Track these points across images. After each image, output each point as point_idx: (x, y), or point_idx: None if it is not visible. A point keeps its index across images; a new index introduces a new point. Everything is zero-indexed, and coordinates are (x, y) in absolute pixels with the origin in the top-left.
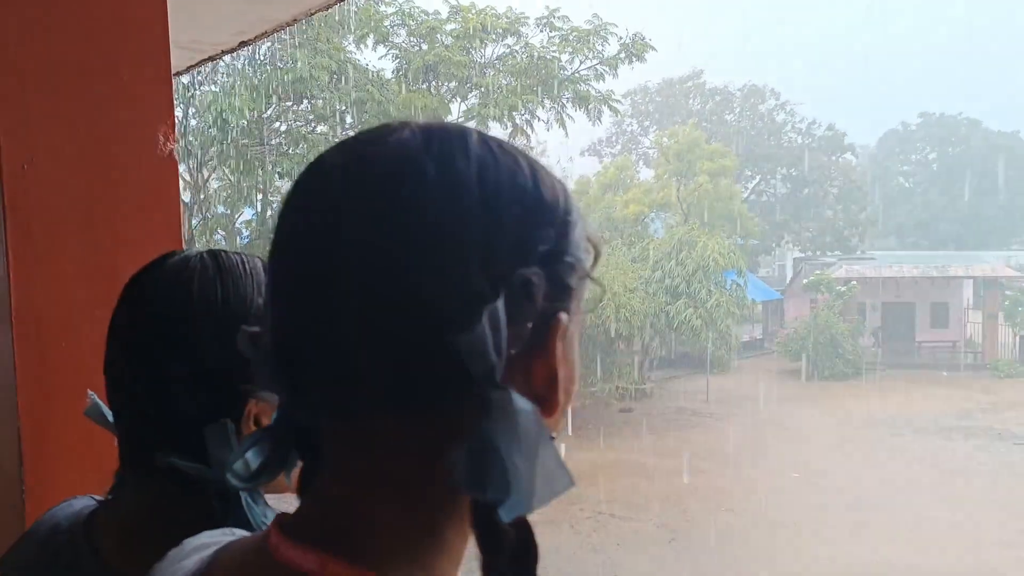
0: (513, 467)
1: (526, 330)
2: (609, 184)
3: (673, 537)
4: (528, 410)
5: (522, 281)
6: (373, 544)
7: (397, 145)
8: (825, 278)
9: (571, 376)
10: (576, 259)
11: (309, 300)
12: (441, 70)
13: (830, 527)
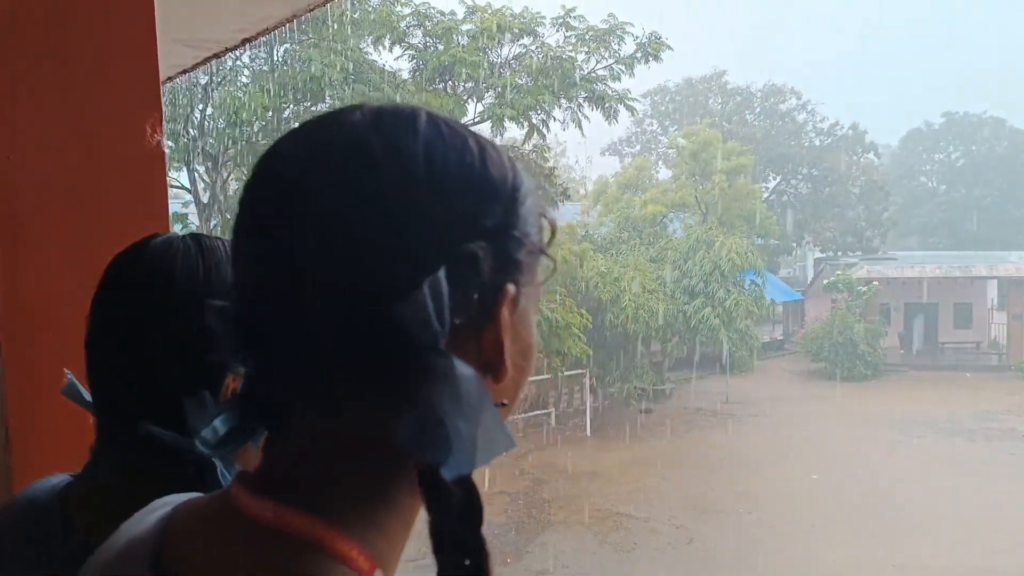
0: (454, 429)
1: (472, 301)
2: (628, 184)
3: (692, 538)
4: (470, 376)
5: (467, 254)
6: (325, 498)
7: (347, 126)
8: (846, 278)
9: (526, 346)
10: (524, 234)
11: (267, 276)
12: (457, 70)
13: (850, 528)
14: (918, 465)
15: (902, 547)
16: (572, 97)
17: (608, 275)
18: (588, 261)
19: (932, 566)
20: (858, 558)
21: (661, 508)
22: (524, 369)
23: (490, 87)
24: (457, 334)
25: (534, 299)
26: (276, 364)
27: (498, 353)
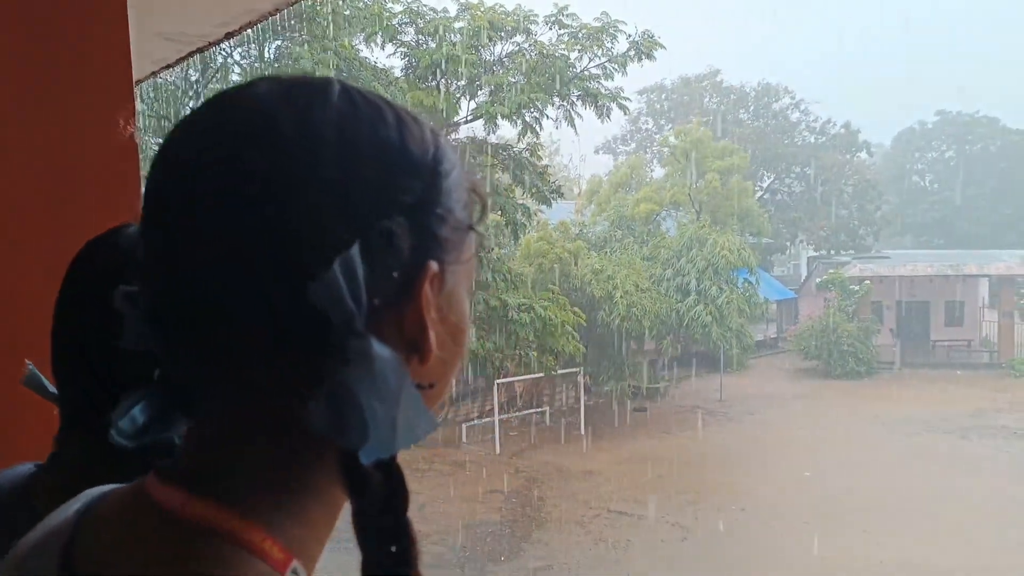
0: (371, 412)
1: (392, 280)
2: (621, 183)
3: (685, 536)
4: (388, 356)
5: (382, 231)
6: (238, 487)
7: (256, 98)
8: (838, 277)
9: (455, 326)
10: (448, 210)
11: (175, 255)
12: (450, 68)
13: (843, 526)
14: (910, 462)
15: (893, 544)
16: (565, 95)
17: (602, 273)
18: (582, 259)
19: (923, 563)
20: (850, 555)
21: (655, 505)
22: (454, 350)
23: (483, 85)
24: (377, 314)
25: (464, 278)
26: (188, 349)
27: (421, 333)
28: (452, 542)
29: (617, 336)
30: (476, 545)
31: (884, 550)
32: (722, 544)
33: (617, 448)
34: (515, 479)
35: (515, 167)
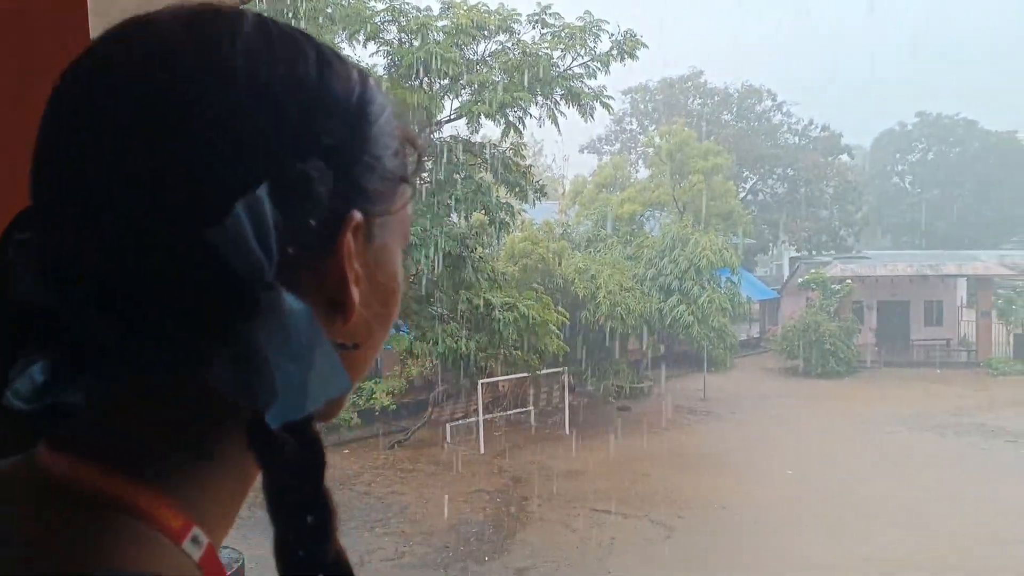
0: (280, 370)
1: (308, 228)
2: (605, 183)
3: (669, 535)
4: (300, 311)
5: (297, 174)
6: (131, 450)
7: (154, 28)
8: (819, 277)
9: (383, 287)
10: (376, 158)
11: (67, 197)
12: (433, 67)
13: (824, 523)
14: (890, 460)
15: (873, 541)
16: (548, 94)
17: (585, 273)
18: (566, 259)
19: (902, 559)
20: (830, 552)
21: (639, 504)
22: (382, 310)
23: (466, 84)
24: (292, 266)
25: (396, 233)
26: (83, 300)
27: (342, 288)
28: (436, 542)
29: (601, 336)
30: (460, 545)
31: (864, 547)
32: (705, 542)
33: (601, 447)
34: (499, 479)
35: (498, 166)
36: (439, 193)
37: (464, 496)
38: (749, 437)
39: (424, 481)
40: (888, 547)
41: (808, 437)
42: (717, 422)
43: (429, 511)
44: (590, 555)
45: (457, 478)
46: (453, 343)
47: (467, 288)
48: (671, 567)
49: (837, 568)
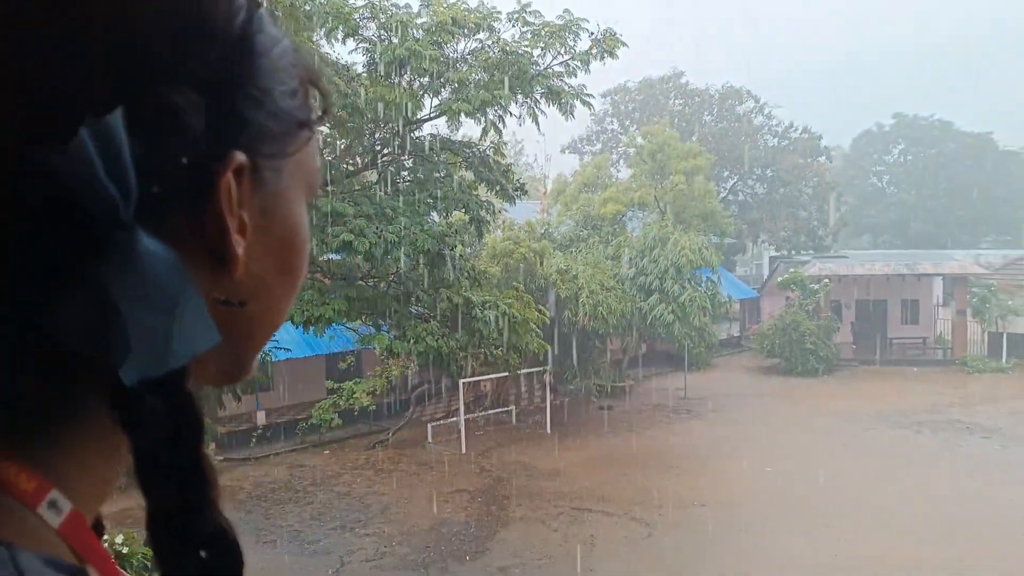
0: (134, 320)
1: (179, 166)
2: (587, 183)
3: (650, 533)
4: (161, 255)
5: (162, 102)
6: None
7: None
8: (798, 276)
9: (281, 240)
10: (264, 93)
11: None
12: (412, 64)
13: (803, 520)
14: (868, 457)
15: (850, 538)
16: (528, 93)
17: (567, 273)
18: (548, 259)
19: (878, 556)
20: (811, 548)
21: (620, 503)
22: (279, 265)
23: (446, 82)
24: (158, 206)
25: (296, 181)
26: None
27: (222, 236)
28: (417, 542)
29: (582, 335)
30: (441, 545)
31: (844, 542)
32: (686, 540)
33: (582, 446)
34: (481, 478)
35: (479, 164)
36: (419, 191)
37: (445, 496)
38: (729, 435)
39: (405, 481)
40: (865, 544)
41: (787, 435)
42: (697, 420)
43: (410, 511)
44: (572, 554)
45: (438, 478)
46: (433, 342)
47: (447, 286)
48: (652, 565)
49: (815, 565)
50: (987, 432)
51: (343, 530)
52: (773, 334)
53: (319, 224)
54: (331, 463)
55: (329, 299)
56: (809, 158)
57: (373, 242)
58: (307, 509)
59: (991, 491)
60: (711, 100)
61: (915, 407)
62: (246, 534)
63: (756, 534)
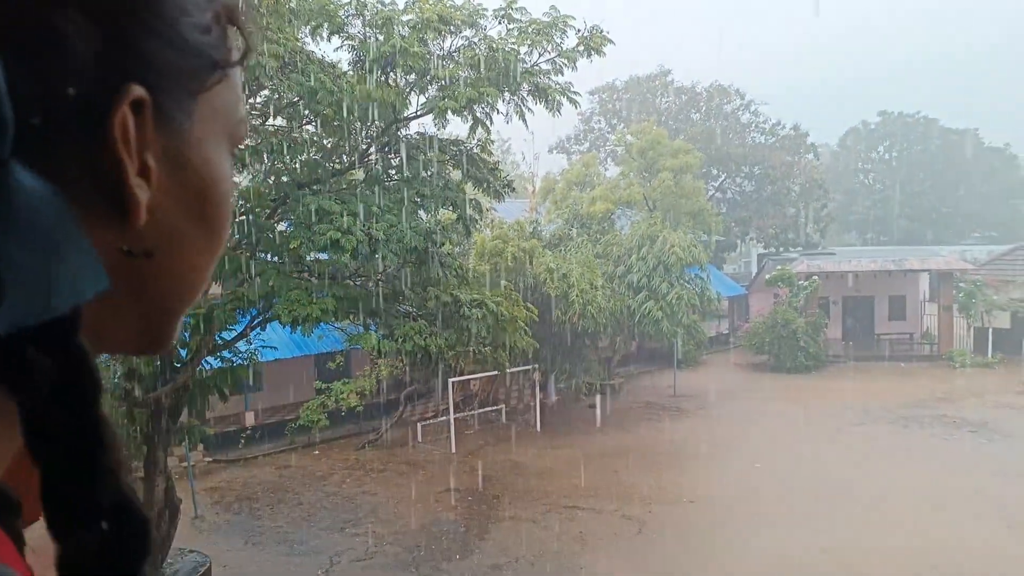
0: (8, 262)
1: (66, 97)
2: (575, 181)
3: (640, 530)
4: (39, 192)
5: (43, 26)
6: None
7: None
8: (787, 273)
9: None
10: (168, 24)
11: None
12: (399, 61)
13: (792, 515)
14: (856, 452)
15: (839, 532)
16: (515, 90)
17: (556, 272)
18: (537, 258)
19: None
20: (801, 542)
21: (610, 500)
22: (196, 214)
23: (432, 80)
24: (42, 142)
25: (212, 123)
26: None
27: (119, 178)
28: (407, 542)
29: (572, 334)
30: (431, 544)
31: (833, 536)
32: (675, 537)
33: (572, 444)
34: (471, 478)
35: (466, 162)
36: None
37: (435, 495)
38: (718, 432)
39: (395, 481)
40: (855, 537)
41: (776, 431)
42: (687, 418)
43: (400, 511)
44: (563, 552)
45: (428, 477)
46: (421, 340)
47: (435, 285)
48: (642, 562)
49: (804, 560)
50: (974, 427)
51: (332, 530)
52: (762, 331)
53: (305, 222)
54: (320, 463)
55: (316, 298)
56: (796, 155)
57: (360, 240)
58: (296, 510)
59: (979, 485)
60: (698, 98)
61: (903, 402)
62: (235, 535)
63: (744, 530)
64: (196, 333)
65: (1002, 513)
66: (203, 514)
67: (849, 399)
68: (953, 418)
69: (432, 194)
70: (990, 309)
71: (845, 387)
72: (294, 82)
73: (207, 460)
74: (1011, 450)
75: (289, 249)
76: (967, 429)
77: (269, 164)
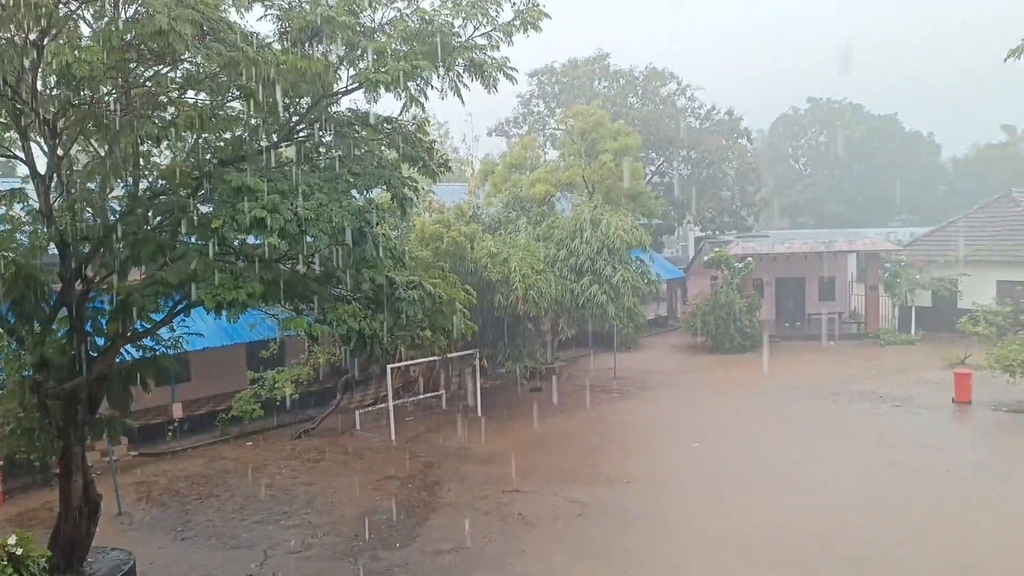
0: None
1: None
2: (515, 164)
3: (581, 512)
4: None
5: None
6: None
7: None
8: (724, 255)
9: None
10: None
11: None
12: (327, 32)
13: (731, 492)
14: (789, 429)
15: (778, 504)
16: (450, 65)
17: (497, 256)
18: (478, 242)
19: (806, 520)
20: (738, 518)
21: (551, 483)
22: None
23: (363, 53)
24: None
25: None
26: None
27: None
28: (345, 531)
29: (514, 318)
30: (371, 533)
31: (769, 511)
32: (617, 516)
33: (514, 429)
34: (411, 464)
35: (400, 140)
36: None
37: (374, 483)
38: (658, 413)
39: (333, 470)
40: (791, 511)
41: (714, 411)
42: (628, 400)
43: (338, 500)
44: (505, 535)
45: (367, 465)
46: (355, 323)
47: (370, 266)
48: (584, 543)
49: (741, 535)
50: (898, 401)
51: (267, 523)
52: (700, 313)
53: (228, 201)
54: (254, 455)
55: (243, 282)
56: (731, 140)
57: (288, 219)
58: (228, 503)
59: (904, 457)
60: (635, 82)
61: (832, 379)
62: (162, 531)
63: (681, 509)
64: (113, 320)
65: (926, 484)
66: (128, 510)
67: (783, 378)
68: (880, 394)
69: (365, 173)
70: (913, 288)
71: (779, 366)
72: (214, 52)
73: (132, 454)
74: (931, 423)
75: (212, 230)
76: (893, 403)
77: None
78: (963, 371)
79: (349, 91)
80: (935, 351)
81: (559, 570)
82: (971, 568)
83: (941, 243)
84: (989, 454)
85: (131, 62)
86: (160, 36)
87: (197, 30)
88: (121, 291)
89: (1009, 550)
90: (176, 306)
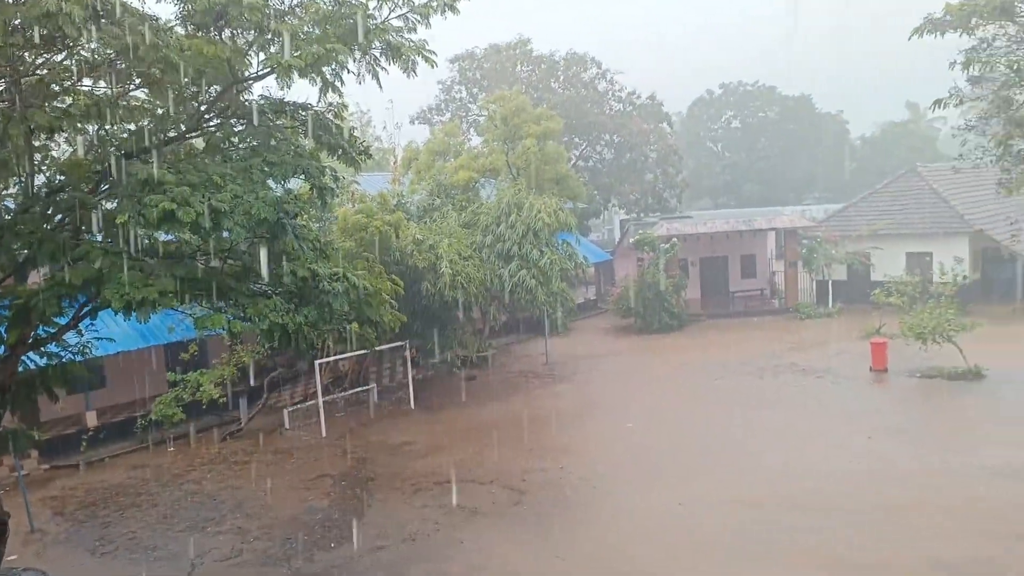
0: None
1: None
2: (438, 151)
3: (519, 500)
4: None
5: None
6: None
7: None
8: (649, 237)
9: None
10: None
11: None
12: (233, 14)
13: (663, 471)
14: (718, 404)
15: (711, 480)
16: (366, 49)
17: (423, 244)
18: (403, 231)
19: (736, 495)
20: (673, 496)
21: (488, 473)
22: None
23: (274, 37)
24: None
25: None
26: None
27: None
28: (277, 535)
29: (443, 307)
30: (304, 535)
31: (703, 487)
32: (553, 502)
33: (447, 419)
34: (343, 461)
35: (317, 128)
36: (251, 158)
37: (306, 483)
38: (591, 396)
39: (262, 472)
40: (723, 486)
41: (645, 390)
42: (560, 384)
43: (268, 503)
44: (443, 527)
45: (298, 465)
46: (278, 318)
47: (291, 259)
48: (522, 529)
49: (680, 512)
50: (820, 373)
51: (193, 531)
52: (628, 294)
53: (134, 195)
54: (177, 460)
55: (153, 280)
56: (653, 124)
57: (200, 212)
58: (151, 513)
59: (829, 427)
60: (557, 67)
61: (757, 354)
62: (79, 547)
63: (616, 489)
64: (13, 326)
65: (851, 452)
66: (42, 527)
67: (709, 355)
68: (802, 366)
69: (281, 162)
70: (829, 263)
71: (705, 343)
72: (109, 36)
73: (44, 467)
74: (851, 392)
75: (118, 226)
76: (815, 375)
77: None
78: (879, 340)
79: (260, 77)
80: (852, 322)
81: (498, 558)
82: (899, 520)
83: (853, 218)
84: (906, 419)
85: (18, 48)
86: (48, 19)
87: (89, 12)
88: (20, 295)
89: (924, 504)
90: (82, 309)
